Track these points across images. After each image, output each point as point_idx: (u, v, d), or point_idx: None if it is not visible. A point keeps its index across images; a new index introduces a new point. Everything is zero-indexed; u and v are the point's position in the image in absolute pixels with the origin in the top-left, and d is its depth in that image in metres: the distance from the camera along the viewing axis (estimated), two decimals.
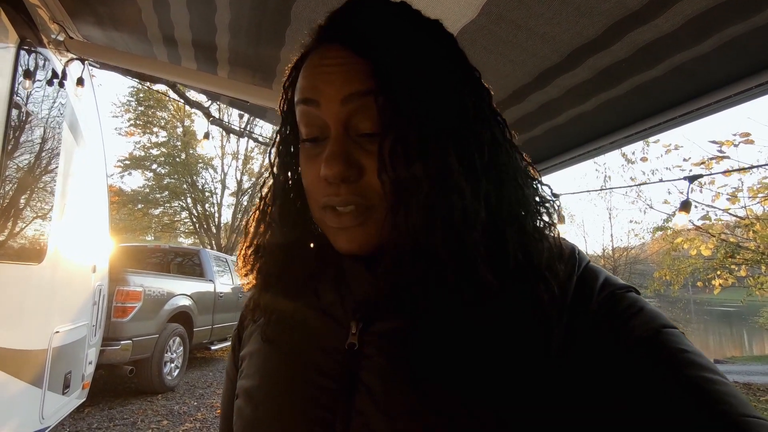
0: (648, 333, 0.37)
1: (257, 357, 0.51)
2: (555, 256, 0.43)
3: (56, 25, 2.01)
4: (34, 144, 1.97)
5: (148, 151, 17.90)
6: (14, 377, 1.85)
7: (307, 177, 0.46)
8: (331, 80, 0.42)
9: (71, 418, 3.75)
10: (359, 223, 0.43)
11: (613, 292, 0.41)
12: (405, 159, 0.40)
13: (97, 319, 2.97)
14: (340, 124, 0.42)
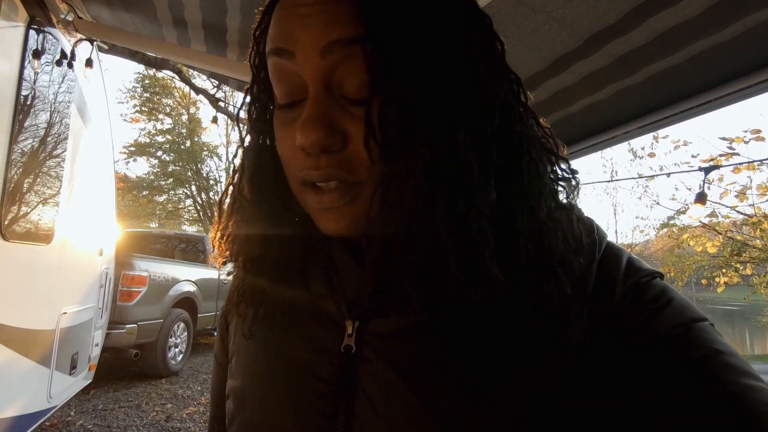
0: (678, 329, 0.33)
1: (245, 355, 0.46)
2: (571, 248, 0.37)
3: (65, 5, 1.99)
4: (42, 125, 1.96)
5: (153, 138, 17.94)
6: (23, 356, 1.87)
7: (283, 147, 0.39)
8: (308, 24, 0.34)
9: (77, 399, 3.80)
10: (345, 203, 0.36)
11: (638, 281, 0.36)
12: (398, 124, 0.33)
13: (103, 302, 2.99)
14: (319, 80, 0.35)
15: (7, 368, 1.75)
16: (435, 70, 0.34)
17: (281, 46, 0.36)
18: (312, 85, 0.35)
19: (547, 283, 0.35)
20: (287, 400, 0.40)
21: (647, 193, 11.87)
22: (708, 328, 0.33)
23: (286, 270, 0.44)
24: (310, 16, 0.34)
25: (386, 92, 0.33)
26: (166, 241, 6.70)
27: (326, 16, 0.34)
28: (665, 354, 0.32)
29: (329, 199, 0.36)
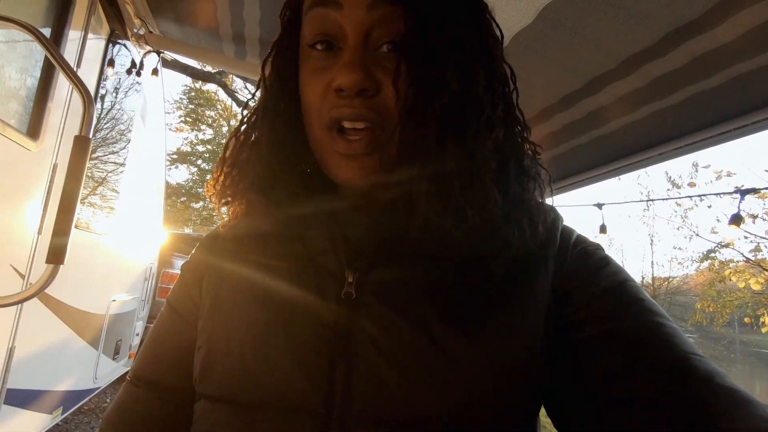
0: (613, 284, 0.42)
1: (232, 303, 0.45)
2: (542, 203, 0.47)
3: (139, 20, 2.22)
4: (112, 125, 2.17)
5: (194, 147, 18.80)
6: (79, 336, 2.03)
7: (313, 90, 0.42)
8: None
9: (113, 388, 3.99)
10: (369, 152, 0.40)
11: (585, 248, 0.46)
12: (428, 66, 0.38)
13: (146, 295, 3.18)
14: (361, 32, 0.39)
15: (64, 345, 1.91)
16: (460, 32, 0.41)
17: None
18: (353, 36, 0.39)
19: (524, 219, 0.43)
20: (285, 343, 0.41)
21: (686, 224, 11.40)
22: (635, 284, 0.43)
23: (287, 220, 0.45)
24: None
25: (417, 45, 0.39)
26: None
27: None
28: (605, 300, 0.41)
29: (357, 146, 0.40)
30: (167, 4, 2.07)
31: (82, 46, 1.65)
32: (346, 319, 0.40)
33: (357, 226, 0.45)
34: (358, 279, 0.42)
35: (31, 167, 1.39)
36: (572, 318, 0.41)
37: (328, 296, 0.42)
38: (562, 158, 2.06)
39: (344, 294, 0.41)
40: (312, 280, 0.43)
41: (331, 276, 0.43)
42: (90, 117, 0.90)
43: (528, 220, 0.43)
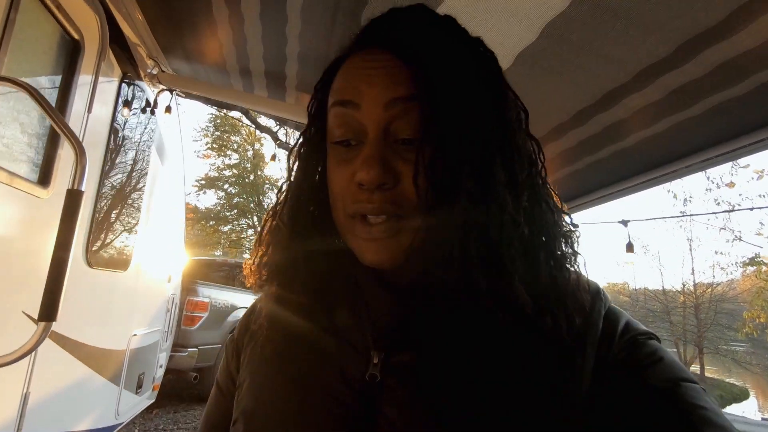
0: (667, 384, 0.37)
1: (260, 379, 0.47)
2: (580, 286, 0.43)
3: (151, 61, 2.28)
4: (127, 165, 2.22)
5: (221, 172, 19.37)
6: (98, 373, 2.05)
7: (337, 182, 0.43)
8: (374, 83, 0.41)
9: (141, 418, 4.03)
10: (390, 235, 0.40)
11: (635, 337, 0.40)
12: (446, 163, 0.38)
13: (169, 326, 3.21)
14: (380, 128, 0.40)
15: (83, 384, 1.93)
16: (478, 124, 0.40)
17: (348, 98, 0.42)
18: (372, 132, 0.41)
19: (560, 313, 0.40)
20: (307, 424, 0.41)
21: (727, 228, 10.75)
22: (696, 388, 0.37)
23: (314, 297, 0.47)
24: (376, 75, 0.41)
25: (435, 140, 0.39)
26: (227, 268, 7.08)
27: (389, 76, 0.41)
28: (655, 405, 0.36)
29: (378, 230, 0.40)
30: (177, 43, 2.13)
31: (93, 91, 1.70)
32: (369, 403, 0.40)
33: (383, 305, 0.45)
34: (383, 360, 0.42)
35: (42, 214, 1.41)
36: (614, 418, 0.37)
37: (353, 376, 0.42)
38: (581, 174, 1.97)
39: (369, 376, 0.41)
40: (337, 358, 0.44)
41: (357, 354, 0.43)
42: (82, 169, 0.89)
43: (563, 312, 0.40)
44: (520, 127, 0.44)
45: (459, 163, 0.39)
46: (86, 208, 1.81)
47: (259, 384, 0.47)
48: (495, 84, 0.44)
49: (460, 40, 0.45)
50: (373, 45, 0.43)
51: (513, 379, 0.38)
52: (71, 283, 1.81)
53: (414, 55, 0.40)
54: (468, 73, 0.42)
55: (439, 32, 0.44)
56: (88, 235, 1.83)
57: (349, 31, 1.62)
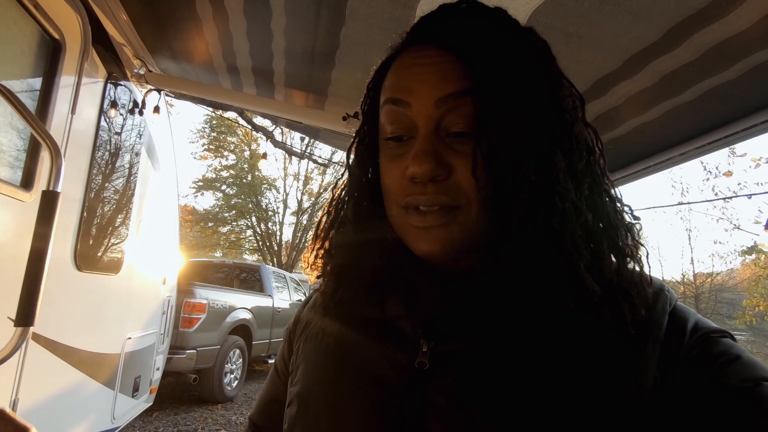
0: (748, 383, 0.35)
1: (314, 364, 0.50)
2: (645, 280, 0.41)
3: (138, 61, 2.25)
4: (116, 167, 2.19)
5: (218, 173, 19.31)
6: (91, 378, 2.02)
7: (390, 176, 0.44)
8: (424, 80, 0.41)
9: (141, 421, 4.02)
10: (444, 223, 0.40)
11: (707, 335, 0.39)
12: (505, 156, 0.38)
13: (165, 328, 3.19)
14: (431, 123, 0.41)
15: (76, 389, 1.91)
16: (534, 114, 0.40)
17: (400, 97, 0.42)
18: (423, 127, 0.41)
19: (623, 303, 0.39)
20: (358, 409, 0.43)
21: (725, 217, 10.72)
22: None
23: (369, 287, 0.48)
24: (426, 73, 0.41)
25: (492, 132, 0.39)
26: (226, 270, 7.06)
27: (439, 73, 0.41)
28: (736, 405, 0.34)
29: (431, 218, 0.41)
30: (162, 42, 2.10)
31: (77, 92, 1.67)
32: (418, 390, 0.41)
33: (433, 296, 0.45)
34: (433, 348, 0.42)
35: (25, 218, 1.39)
36: (689, 416, 0.35)
37: (402, 364, 0.43)
38: None
39: (417, 363, 0.42)
40: (386, 345, 0.45)
41: (407, 343, 0.44)
42: (58, 170, 0.87)
43: (628, 303, 0.39)
44: (577, 115, 0.44)
45: (518, 155, 0.39)
46: (73, 211, 1.79)
47: (313, 370, 0.49)
48: (549, 73, 0.44)
49: (511, 32, 0.44)
50: (424, 41, 0.43)
51: (569, 369, 0.38)
52: (60, 288, 1.80)
53: (464, 49, 0.40)
54: (521, 64, 0.41)
55: (490, 25, 0.43)
56: (77, 238, 1.80)
57: (333, 25, 1.58)
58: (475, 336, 0.41)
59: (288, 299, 7.10)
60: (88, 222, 1.91)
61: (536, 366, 0.38)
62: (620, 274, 0.40)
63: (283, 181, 20.05)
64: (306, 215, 19.33)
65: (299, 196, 19.77)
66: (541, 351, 0.39)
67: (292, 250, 19.05)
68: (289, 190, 20.13)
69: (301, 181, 19.91)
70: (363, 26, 1.39)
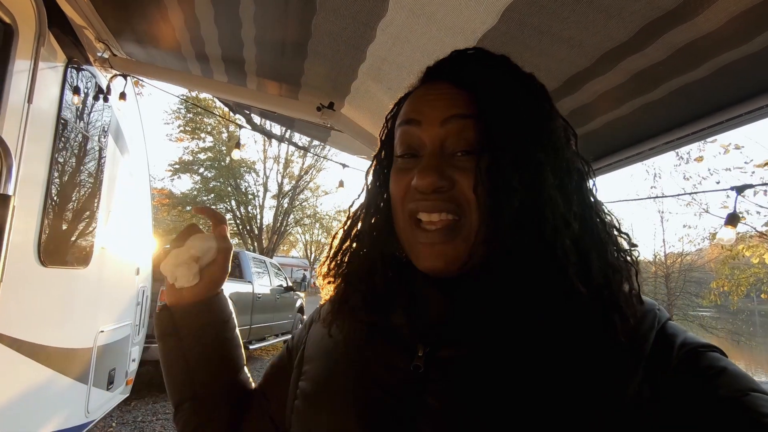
0: (735, 394, 0.36)
1: (320, 363, 0.54)
2: (633, 293, 0.44)
3: (101, 44, 2.14)
4: (80, 156, 2.10)
5: (196, 156, 18.82)
6: (62, 374, 1.98)
7: (397, 188, 0.49)
8: (434, 105, 0.47)
9: (119, 411, 3.99)
10: (447, 240, 0.44)
11: (695, 349, 0.40)
12: (502, 172, 0.42)
13: (140, 319, 3.14)
14: (437, 142, 0.46)
15: (46, 386, 1.87)
16: (529, 138, 0.44)
17: (412, 117, 0.49)
18: (430, 145, 0.46)
19: (613, 312, 0.41)
20: (355, 408, 0.46)
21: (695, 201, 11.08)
22: (766, 397, 0.36)
23: (377, 298, 0.52)
24: (436, 99, 0.47)
25: (492, 150, 0.43)
26: None
27: (447, 99, 0.47)
28: (724, 415, 0.35)
29: (435, 235, 0.45)
30: (126, 25, 1.99)
31: (33, 79, 1.58)
32: (412, 392, 0.44)
33: (433, 305, 0.49)
34: (428, 354, 0.45)
35: None
36: (680, 428, 0.36)
37: (398, 366, 0.46)
38: None
39: (413, 366, 0.45)
40: (386, 349, 0.49)
41: (406, 348, 0.47)
42: (9, 170, 0.82)
43: (617, 312, 0.41)
44: (569, 145, 0.48)
45: (512, 170, 0.42)
46: (35, 206, 1.71)
47: (319, 368, 0.53)
48: (544, 108, 0.49)
49: (513, 74, 0.50)
50: (437, 79, 0.50)
51: (559, 377, 0.40)
52: (23, 285, 1.73)
53: (471, 82, 0.46)
54: (519, 97, 0.46)
55: (495, 67, 0.49)
56: (39, 233, 1.73)
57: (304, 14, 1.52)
58: (471, 343, 0.44)
59: (268, 285, 7.06)
60: (51, 216, 1.84)
61: (527, 373, 0.40)
62: (610, 284, 0.43)
63: (263, 163, 19.71)
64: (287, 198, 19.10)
65: (279, 180, 19.49)
66: (532, 359, 0.41)
67: (272, 234, 18.86)
68: (269, 173, 19.80)
69: (281, 164, 19.60)
70: (335, 17, 1.34)
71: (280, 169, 19.60)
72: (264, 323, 6.72)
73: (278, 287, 7.41)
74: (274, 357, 0.67)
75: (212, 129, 18.88)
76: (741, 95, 1.27)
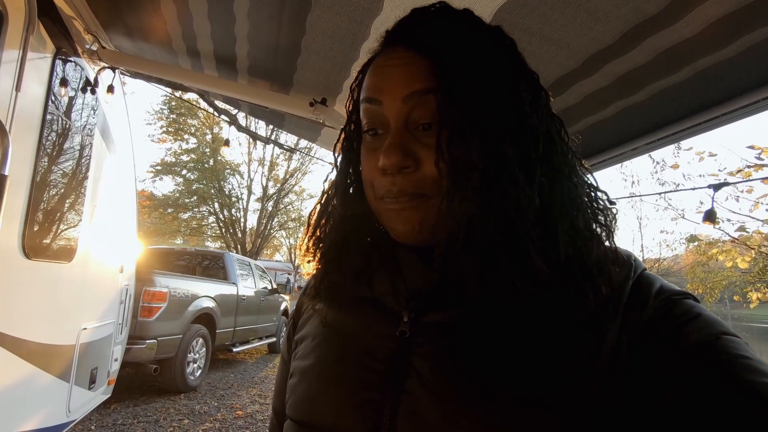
0: (707, 338, 0.37)
1: (313, 340, 0.54)
2: (608, 258, 0.44)
3: (90, 36, 2.12)
4: (67, 148, 2.07)
5: (178, 157, 18.51)
6: (43, 371, 1.94)
7: (367, 168, 0.49)
8: (394, 80, 0.45)
9: (98, 413, 3.89)
10: (415, 206, 0.45)
11: (670, 297, 0.41)
12: (462, 147, 0.42)
13: (123, 318, 3.08)
14: (400, 119, 0.45)
15: (27, 382, 1.82)
16: (491, 108, 0.43)
17: (373, 95, 0.47)
18: (393, 122, 0.45)
19: (585, 282, 0.41)
20: (343, 376, 0.47)
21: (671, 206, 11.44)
22: (737, 340, 0.37)
23: (359, 271, 0.53)
24: (395, 74, 0.45)
25: (451, 126, 0.42)
26: (188, 257, 6.85)
27: (408, 74, 0.45)
28: (696, 359, 0.36)
29: (404, 201, 0.45)
30: (116, 17, 1.98)
31: (21, 68, 1.55)
32: (399, 356, 0.45)
33: (415, 273, 0.49)
34: (413, 319, 0.46)
35: None
36: (659, 375, 0.37)
37: (385, 334, 0.47)
38: None
39: (399, 332, 0.46)
40: (373, 319, 0.49)
41: (390, 315, 0.48)
42: (5, 151, 0.81)
43: (590, 281, 0.42)
44: (537, 107, 0.46)
45: (473, 145, 0.42)
46: (20, 196, 1.68)
47: (312, 345, 0.53)
48: (512, 69, 0.47)
49: (477, 31, 0.47)
50: (397, 43, 0.47)
51: (533, 342, 0.41)
52: (6, 277, 1.69)
53: (431, 49, 0.44)
54: (483, 62, 0.45)
55: (457, 25, 0.47)
56: (24, 224, 1.70)
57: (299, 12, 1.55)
58: (454, 308, 0.45)
59: (253, 287, 6.99)
60: (36, 208, 1.81)
61: (505, 337, 0.42)
62: (581, 255, 0.43)
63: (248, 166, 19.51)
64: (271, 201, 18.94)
65: (264, 182, 19.32)
66: (508, 325, 0.42)
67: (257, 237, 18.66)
68: (253, 175, 19.59)
69: (266, 166, 19.44)
70: (329, 14, 1.36)
71: (264, 171, 19.45)
72: (248, 325, 6.64)
73: (263, 289, 7.34)
74: (277, 375, 0.66)
75: (196, 130, 18.62)
76: (718, 98, 1.34)
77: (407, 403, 0.42)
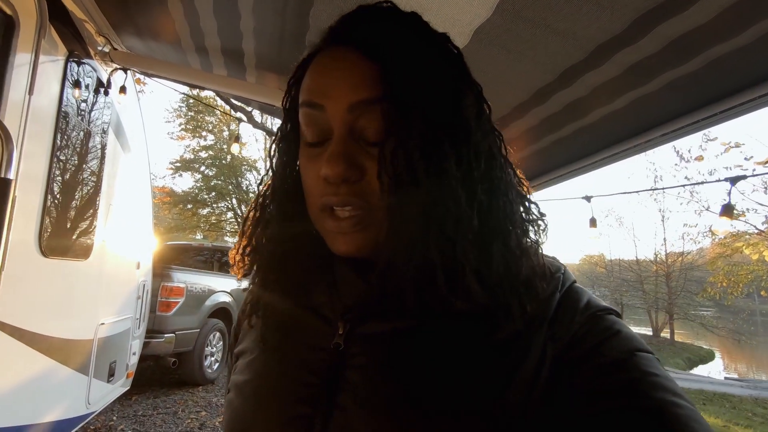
0: (622, 355, 0.38)
1: (251, 353, 0.52)
2: (536, 274, 0.44)
3: (102, 38, 2.16)
4: (82, 149, 2.12)
5: (197, 154, 18.82)
6: (63, 364, 2.00)
7: (307, 177, 0.46)
8: (339, 84, 0.42)
9: (120, 405, 4.01)
10: (358, 229, 0.43)
11: (594, 313, 0.42)
12: (406, 162, 0.40)
13: (140, 313, 3.16)
14: (344, 127, 0.42)
15: (47, 376, 1.89)
16: (437, 123, 0.41)
17: (314, 100, 0.44)
18: (337, 130, 0.43)
19: (513, 300, 0.42)
20: (277, 390, 0.46)
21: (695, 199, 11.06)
22: (649, 357, 0.39)
23: (297, 281, 0.51)
24: (340, 77, 0.42)
25: (397, 138, 0.40)
26: (205, 252, 6.98)
27: (352, 78, 0.42)
28: (611, 378, 0.37)
29: (346, 225, 0.43)
30: (127, 18, 2.01)
31: (34, 71, 1.59)
32: (333, 368, 0.44)
33: (352, 284, 0.48)
34: (349, 331, 0.45)
35: None
36: (576, 391, 0.38)
37: (320, 345, 0.46)
38: (546, 152, 1.97)
39: (333, 344, 0.45)
40: (310, 331, 0.48)
41: (328, 326, 0.47)
42: (9, 156, 0.84)
43: (517, 300, 0.42)
44: (480, 123, 0.45)
45: (417, 161, 0.40)
46: (36, 196, 1.73)
47: (249, 359, 0.52)
48: (457, 82, 0.45)
49: (425, 38, 0.45)
50: (341, 42, 0.44)
51: (459, 357, 0.41)
52: (25, 275, 1.75)
53: (378, 53, 0.42)
54: (431, 71, 0.43)
55: (405, 30, 0.45)
56: (41, 224, 1.75)
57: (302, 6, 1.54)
58: (389, 321, 0.45)
59: None
60: (52, 207, 1.86)
61: (435, 353, 0.42)
62: (510, 273, 0.43)
63: (264, 162, 19.71)
64: None
65: None
66: (440, 340, 0.42)
67: None
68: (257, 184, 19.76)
69: None
70: (331, 8, 1.36)
71: None
72: None
73: None
74: None
75: (213, 127, 18.89)
76: (733, 88, 1.28)
77: (338, 418, 0.41)
